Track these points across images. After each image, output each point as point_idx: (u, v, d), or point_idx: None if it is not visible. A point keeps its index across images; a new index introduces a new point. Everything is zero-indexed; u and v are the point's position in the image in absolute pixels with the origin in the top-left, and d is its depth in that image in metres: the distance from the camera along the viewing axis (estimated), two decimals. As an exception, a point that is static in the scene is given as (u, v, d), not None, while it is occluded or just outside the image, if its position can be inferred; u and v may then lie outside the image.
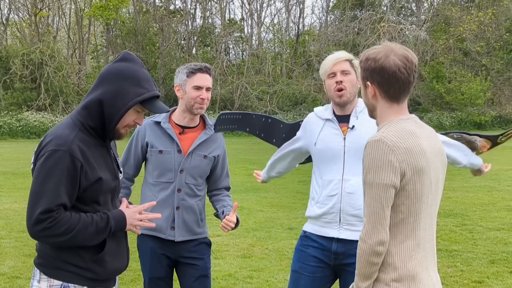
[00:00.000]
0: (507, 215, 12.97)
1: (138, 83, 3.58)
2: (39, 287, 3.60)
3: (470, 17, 51.11)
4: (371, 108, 3.52)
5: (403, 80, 3.36)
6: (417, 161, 3.28)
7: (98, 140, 3.64)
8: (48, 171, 3.39)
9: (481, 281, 8.35)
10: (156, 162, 5.13)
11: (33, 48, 46.23)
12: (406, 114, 3.46)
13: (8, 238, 11.20)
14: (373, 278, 3.36)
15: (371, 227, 3.27)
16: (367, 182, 3.28)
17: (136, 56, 3.76)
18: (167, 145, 5.09)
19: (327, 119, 4.79)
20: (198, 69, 5.03)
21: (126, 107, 3.55)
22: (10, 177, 19.95)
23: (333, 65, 4.67)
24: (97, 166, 3.55)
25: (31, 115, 43.24)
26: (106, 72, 3.62)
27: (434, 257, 3.58)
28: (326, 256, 4.72)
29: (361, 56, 3.48)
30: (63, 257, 3.56)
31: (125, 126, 3.66)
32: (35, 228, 3.40)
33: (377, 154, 3.24)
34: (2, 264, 9.42)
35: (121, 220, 3.66)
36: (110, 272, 3.72)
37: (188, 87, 5.00)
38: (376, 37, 48.26)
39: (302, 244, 4.86)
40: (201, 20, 55.93)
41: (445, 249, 10.09)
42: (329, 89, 4.74)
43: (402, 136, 3.29)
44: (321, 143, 4.74)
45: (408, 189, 3.27)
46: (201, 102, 5.02)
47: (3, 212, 13.90)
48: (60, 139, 3.44)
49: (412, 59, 3.38)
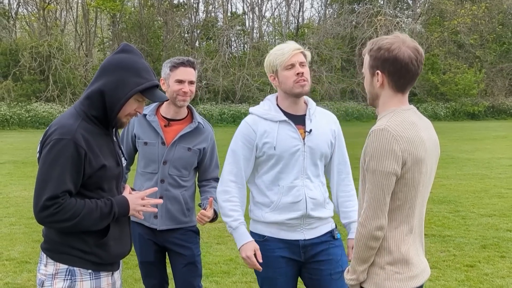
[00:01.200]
0: (498, 202, 12.99)
1: (138, 73, 3.60)
2: (46, 271, 3.63)
3: (464, 11, 51.08)
4: (374, 96, 3.53)
5: (413, 72, 3.40)
6: (417, 151, 3.31)
7: (101, 129, 3.66)
8: (53, 159, 3.41)
9: (473, 265, 8.37)
10: (142, 153, 5.19)
11: (42, 41, 46.06)
12: (407, 105, 3.50)
13: (18, 224, 11.23)
14: (370, 262, 3.41)
15: (371, 213, 3.30)
16: (370, 169, 3.29)
17: (135, 47, 3.78)
18: (152, 137, 5.12)
19: (280, 120, 4.49)
20: (180, 63, 5.05)
21: (126, 97, 3.57)
22: (20, 166, 19.94)
23: (292, 56, 4.42)
24: (100, 153, 3.57)
25: (39, 106, 43.12)
26: (107, 64, 3.64)
27: (422, 242, 3.63)
28: (295, 253, 4.57)
29: (371, 45, 3.47)
30: (69, 242, 3.58)
31: (127, 115, 3.69)
32: (41, 214, 3.42)
33: (381, 143, 3.25)
34: (12, 249, 9.46)
35: (124, 205, 3.69)
36: (114, 256, 3.74)
37: (171, 80, 5.04)
38: (374, 30, 48.19)
39: (265, 249, 4.51)
40: (204, 13, 55.84)
41: (439, 234, 10.12)
42: (286, 81, 4.46)
43: (405, 126, 3.32)
44: (279, 147, 4.45)
45: (407, 178, 3.31)
46: (183, 95, 5.03)
47: (13, 199, 13.93)
48: (64, 129, 3.46)
49: (422, 52, 3.43)
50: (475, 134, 32.98)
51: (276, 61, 4.47)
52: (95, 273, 3.67)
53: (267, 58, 4.57)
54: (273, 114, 4.52)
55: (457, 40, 52.94)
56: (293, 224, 4.50)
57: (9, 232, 10.64)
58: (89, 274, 3.64)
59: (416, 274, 3.48)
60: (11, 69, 45.18)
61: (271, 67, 4.54)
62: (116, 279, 3.88)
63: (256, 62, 50.72)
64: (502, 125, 41.68)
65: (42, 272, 3.67)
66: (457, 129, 37.69)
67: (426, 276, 3.62)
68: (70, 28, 56.72)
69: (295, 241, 4.53)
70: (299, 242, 4.53)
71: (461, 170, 18.19)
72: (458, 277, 7.87)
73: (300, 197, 4.46)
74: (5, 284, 7.74)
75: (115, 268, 3.85)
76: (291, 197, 4.47)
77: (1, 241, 10.07)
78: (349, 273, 3.51)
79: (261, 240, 4.54)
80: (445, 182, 15.69)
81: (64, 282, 3.59)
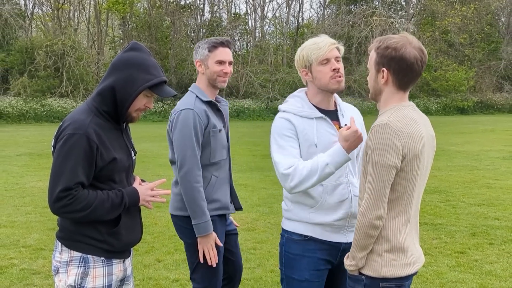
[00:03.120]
0: (487, 192, 12.97)
1: (147, 70, 3.57)
2: (61, 258, 3.62)
3: (454, 12, 51.09)
4: (377, 92, 3.52)
5: (417, 72, 3.40)
6: (417, 145, 3.31)
7: (112, 124, 3.64)
8: (67, 153, 3.40)
9: (463, 252, 8.36)
10: (214, 142, 4.67)
11: (56, 40, 46.10)
12: (407, 101, 3.50)
13: (33, 213, 11.23)
14: (369, 249, 3.42)
15: (372, 203, 3.30)
16: (372, 162, 3.29)
17: (143, 45, 3.75)
18: (220, 123, 4.74)
19: (317, 117, 4.05)
20: (220, 43, 4.65)
21: (136, 92, 3.55)
22: (35, 158, 19.95)
23: (328, 51, 4.01)
24: (111, 147, 3.56)
25: (54, 101, 43.21)
26: (117, 61, 3.62)
27: (417, 231, 3.64)
28: (333, 256, 4.12)
29: (378, 43, 3.44)
30: (82, 231, 3.57)
31: (137, 110, 3.67)
32: (56, 205, 3.41)
33: (383, 137, 3.25)
34: (28, 237, 9.45)
35: (135, 196, 3.67)
36: (125, 244, 3.73)
37: (210, 61, 4.61)
38: (369, 30, 48.25)
39: (307, 249, 4.07)
40: (209, 14, 55.95)
41: (431, 222, 10.10)
42: (321, 77, 4.03)
43: (405, 122, 3.31)
44: (321, 144, 3.99)
45: (406, 170, 3.31)
46: (224, 76, 4.65)
47: (29, 189, 13.93)
48: (77, 124, 3.44)
49: (426, 53, 3.42)
50: (465, 128, 33.01)
51: (311, 55, 4.04)
52: (108, 260, 3.67)
53: (300, 52, 4.12)
54: (308, 111, 4.08)
55: (447, 39, 52.95)
56: (339, 225, 4.04)
57: (25, 221, 10.63)
58: (101, 261, 3.64)
59: (411, 262, 3.49)
60: (27, 67, 45.27)
61: (304, 61, 4.09)
62: (127, 266, 3.88)
63: (259, 60, 50.82)
64: (490, 120, 41.72)
65: (57, 259, 3.66)
66: (447, 123, 37.69)
67: (421, 264, 3.62)
68: (82, 28, 56.80)
69: (337, 244, 4.09)
70: (341, 245, 4.09)
71: (451, 162, 18.18)
72: (449, 263, 7.85)
73: (346, 195, 4.02)
74: (21, 270, 7.74)
75: (127, 256, 3.84)
76: (337, 196, 4.01)
77: (17, 229, 10.06)
78: (349, 259, 3.52)
79: (302, 240, 4.09)
80: (437, 173, 15.68)
81: (78, 269, 3.58)
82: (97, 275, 3.62)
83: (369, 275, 3.44)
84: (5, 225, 10.30)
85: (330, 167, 3.75)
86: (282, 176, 3.88)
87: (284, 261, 4.17)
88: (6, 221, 10.63)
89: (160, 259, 8.17)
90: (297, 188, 3.84)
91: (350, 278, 3.56)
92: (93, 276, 3.61)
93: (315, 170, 3.76)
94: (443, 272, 7.48)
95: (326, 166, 3.75)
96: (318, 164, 3.77)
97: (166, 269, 7.74)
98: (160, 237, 9.37)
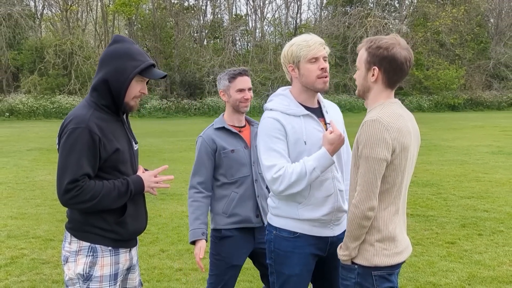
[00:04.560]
0: (476, 185, 12.96)
1: (133, 58, 3.57)
2: (70, 248, 3.62)
3: (445, 13, 51.04)
4: (366, 89, 3.51)
5: (406, 71, 3.42)
6: (405, 139, 3.32)
7: (112, 116, 3.64)
8: (71, 147, 3.40)
9: (453, 242, 8.37)
10: (230, 161, 4.77)
11: (64, 39, 46.22)
12: (393, 99, 3.50)
13: (43, 205, 11.25)
14: (362, 239, 3.42)
15: (364, 195, 3.30)
16: (363, 156, 3.29)
17: (125, 36, 3.76)
18: (235, 143, 4.82)
19: (304, 114, 3.93)
20: (238, 73, 4.82)
21: (128, 80, 3.54)
22: (45, 153, 19.97)
23: (317, 50, 3.86)
24: (114, 138, 3.56)
25: (63, 98, 43.26)
26: (104, 56, 3.62)
27: (405, 221, 3.66)
28: (322, 249, 4.03)
29: (370, 42, 3.43)
30: (90, 221, 3.57)
31: (133, 97, 3.67)
32: (64, 197, 3.40)
33: (373, 132, 3.25)
34: (38, 228, 9.47)
35: (139, 183, 3.67)
36: (131, 233, 3.73)
37: (232, 91, 4.79)
38: (364, 30, 48.25)
39: (297, 246, 3.97)
40: (211, 15, 55.89)
41: (422, 214, 10.10)
42: (308, 74, 3.89)
43: (394, 117, 3.32)
44: (309, 141, 3.87)
45: (395, 163, 3.31)
46: (245, 102, 4.80)
47: (38, 183, 13.95)
48: (78, 118, 3.45)
49: (412, 54, 3.44)
50: (455, 124, 32.99)
51: (300, 52, 3.87)
52: (115, 249, 3.67)
53: (289, 48, 3.95)
54: (295, 109, 3.94)
55: (439, 40, 52.96)
56: (325, 220, 3.94)
57: (35, 213, 10.64)
58: (109, 250, 3.64)
59: (401, 251, 3.50)
60: (37, 65, 45.40)
61: (292, 57, 3.92)
62: (133, 255, 3.88)
63: (259, 59, 50.80)
64: (479, 116, 41.70)
65: (66, 249, 3.66)
66: (439, 119, 37.70)
67: (409, 252, 3.63)
68: (90, 28, 56.82)
69: (325, 238, 3.99)
70: (329, 239, 4.00)
71: (442, 157, 18.16)
72: (440, 253, 7.85)
73: (331, 190, 3.92)
74: (31, 260, 7.74)
75: (133, 245, 3.85)
76: (324, 191, 3.90)
77: (28, 220, 10.07)
78: (342, 249, 3.52)
79: (291, 237, 3.98)
80: (429, 167, 15.68)
81: (87, 258, 3.58)
82: (104, 264, 3.63)
83: (361, 264, 3.45)
84: (16, 217, 10.31)
85: (317, 171, 3.73)
86: (271, 180, 3.79)
87: (273, 256, 4.08)
88: (17, 213, 10.64)
89: (164, 249, 8.18)
90: (286, 192, 3.78)
91: (343, 267, 3.56)
92: (101, 265, 3.61)
93: (304, 175, 3.72)
94: (434, 262, 7.49)
95: (313, 171, 3.72)
96: (306, 169, 3.72)
97: (170, 259, 7.75)
98: (164, 228, 9.38)
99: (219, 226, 4.80)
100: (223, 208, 4.77)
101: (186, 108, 46.02)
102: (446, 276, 6.98)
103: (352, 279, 3.50)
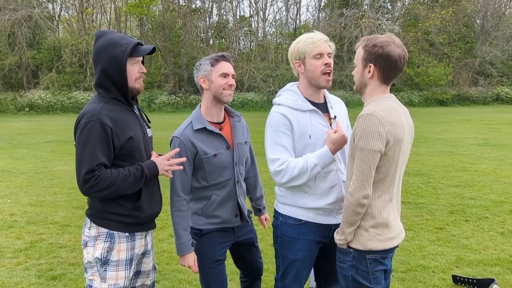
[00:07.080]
0: (463, 175, 12.94)
1: (119, 44, 3.55)
2: (90, 233, 3.65)
3: (434, 15, 51.05)
4: (363, 85, 3.51)
5: (400, 69, 3.42)
6: (398, 132, 3.31)
7: (123, 106, 3.63)
8: (85, 139, 3.39)
9: (442, 228, 8.35)
10: (211, 166, 4.18)
11: (80, 39, 46.16)
12: (388, 94, 3.49)
13: (60, 193, 11.25)
14: (356, 225, 3.42)
15: (359, 184, 3.30)
16: (359, 147, 3.28)
17: (105, 29, 3.74)
18: (218, 146, 4.21)
19: (309, 110, 3.88)
20: (221, 56, 4.17)
21: (123, 65, 3.53)
22: (62, 144, 19.98)
23: (322, 46, 3.84)
24: (127, 127, 3.55)
25: (79, 94, 43.32)
26: (94, 54, 3.61)
27: (399, 209, 3.65)
28: (325, 236, 4.02)
29: (366, 41, 3.43)
30: (109, 208, 3.59)
31: (136, 80, 3.65)
32: (84, 187, 3.40)
33: (369, 125, 3.24)
34: (55, 215, 9.47)
35: (153, 167, 3.66)
36: (148, 216, 3.74)
37: (214, 75, 4.11)
38: (359, 31, 48.20)
39: (302, 233, 3.97)
40: (217, 16, 55.82)
41: (413, 202, 10.09)
42: (313, 70, 3.85)
43: (388, 111, 3.31)
44: (313, 135, 3.83)
45: (389, 155, 3.31)
46: (229, 88, 4.13)
47: (56, 172, 13.96)
48: (90, 113, 3.44)
49: (406, 52, 3.44)
50: (444, 118, 32.94)
51: (306, 48, 3.84)
52: (131, 236, 3.68)
53: (295, 45, 3.91)
54: (302, 104, 3.89)
55: (429, 39, 52.89)
56: (329, 209, 3.93)
57: (53, 200, 10.65)
58: (125, 237, 3.65)
59: (394, 236, 3.50)
60: (55, 63, 45.45)
61: (298, 53, 3.89)
62: (148, 241, 3.89)
63: (261, 58, 50.74)
64: (466, 111, 41.64)
65: (86, 234, 3.67)
66: (428, 113, 37.65)
67: (402, 237, 3.63)
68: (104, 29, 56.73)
69: (328, 226, 3.97)
70: (332, 226, 3.97)
71: (432, 148, 18.14)
72: (430, 238, 7.84)
73: (336, 181, 3.89)
74: (49, 244, 7.75)
75: (151, 227, 3.86)
76: (328, 182, 3.88)
77: (46, 207, 10.07)
78: (338, 234, 3.53)
79: (296, 224, 3.97)
80: (419, 158, 15.66)
81: (105, 243, 3.60)
82: (121, 249, 3.64)
83: (356, 248, 3.45)
84: (35, 204, 10.32)
85: (317, 168, 3.72)
86: (274, 172, 3.80)
87: (279, 241, 4.09)
88: (36, 200, 10.66)
89: (172, 234, 8.15)
90: (287, 184, 3.80)
91: (340, 251, 3.57)
92: (118, 250, 3.63)
93: (305, 171, 3.72)
94: (424, 246, 7.47)
95: (314, 167, 3.71)
96: (308, 165, 3.71)
97: (178, 243, 7.72)
98: (173, 214, 9.35)
99: (198, 226, 4.29)
100: (202, 209, 4.26)
101: (194, 103, 45.99)
102: (435, 259, 6.97)
103: (348, 261, 3.51)
